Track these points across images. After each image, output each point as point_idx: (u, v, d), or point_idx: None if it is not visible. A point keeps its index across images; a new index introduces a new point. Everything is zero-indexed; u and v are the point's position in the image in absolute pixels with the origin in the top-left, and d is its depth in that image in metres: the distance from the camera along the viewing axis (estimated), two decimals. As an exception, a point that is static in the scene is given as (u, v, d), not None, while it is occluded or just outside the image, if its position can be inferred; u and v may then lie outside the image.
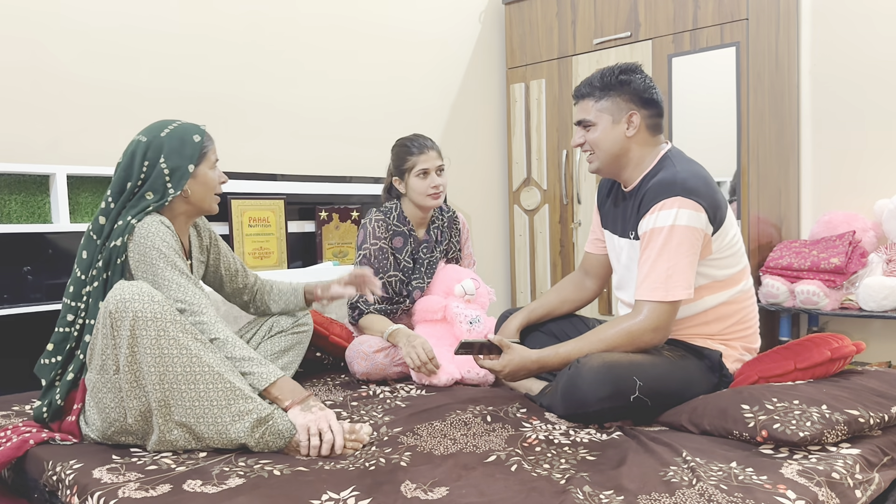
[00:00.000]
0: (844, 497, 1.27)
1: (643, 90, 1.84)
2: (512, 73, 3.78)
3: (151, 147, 1.68)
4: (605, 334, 1.76)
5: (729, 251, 1.81)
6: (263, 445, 1.50)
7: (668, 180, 1.75)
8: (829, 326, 3.24)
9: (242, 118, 2.85)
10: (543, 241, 3.71)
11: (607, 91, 1.84)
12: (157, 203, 1.66)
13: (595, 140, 1.86)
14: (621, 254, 1.93)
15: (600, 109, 1.85)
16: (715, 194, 1.77)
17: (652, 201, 1.75)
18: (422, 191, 2.29)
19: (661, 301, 1.71)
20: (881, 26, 3.07)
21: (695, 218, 1.71)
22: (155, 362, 1.48)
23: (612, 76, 1.84)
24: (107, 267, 1.61)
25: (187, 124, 1.73)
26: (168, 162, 1.67)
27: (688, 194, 1.72)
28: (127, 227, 1.61)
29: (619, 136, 1.84)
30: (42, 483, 1.50)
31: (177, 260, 1.61)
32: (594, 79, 1.87)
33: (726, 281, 1.82)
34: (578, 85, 1.91)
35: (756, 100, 3.00)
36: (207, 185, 1.73)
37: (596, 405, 1.63)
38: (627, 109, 1.84)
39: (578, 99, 1.90)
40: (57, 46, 2.40)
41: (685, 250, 1.71)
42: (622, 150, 1.85)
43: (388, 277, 2.29)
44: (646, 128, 1.85)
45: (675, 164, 1.80)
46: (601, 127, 1.85)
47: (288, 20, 3.00)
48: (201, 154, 1.71)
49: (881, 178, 3.11)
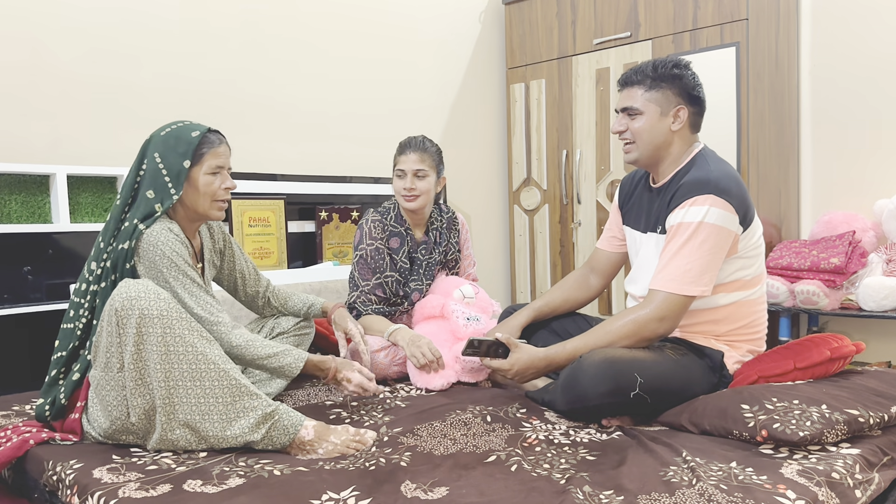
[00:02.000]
0: (844, 497, 1.27)
1: (692, 87, 1.84)
2: (512, 73, 3.77)
3: (150, 143, 1.69)
4: (612, 326, 1.76)
5: (753, 251, 1.82)
6: (268, 442, 1.51)
7: (702, 178, 1.75)
8: (828, 326, 3.24)
9: (242, 118, 2.85)
10: (543, 241, 3.71)
11: (659, 82, 1.83)
12: (162, 204, 1.65)
13: (639, 129, 1.84)
14: (640, 249, 1.93)
15: (649, 99, 1.83)
16: (745, 195, 1.78)
17: (684, 197, 1.75)
18: (397, 190, 2.34)
19: (674, 293, 1.71)
20: (881, 26, 3.07)
21: (724, 218, 1.72)
22: (160, 359, 1.48)
23: (665, 68, 1.83)
24: (114, 269, 1.62)
25: (192, 124, 1.71)
26: (163, 159, 1.66)
27: (720, 193, 1.72)
28: (134, 232, 1.61)
29: (664, 128, 1.83)
30: (42, 483, 1.50)
31: (186, 269, 1.62)
32: (647, 68, 1.85)
33: (743, 282, 1.82)
34: (627, 72, 1.88)
35: (756, 100, 3.00)
36: (198, 188, 1.69)
37: (596, 400, 1.63)
38: (676, 103, 1.83)
39: (626, 86, 1.88)
40: (57, 46, 2.40)
41: (709, 248, 1.71)
42: (664, 143, 1.85)
43: (384, 278, 2.29)
44: (689, 124, 1.85)
45: (708, 163, 1.81)
46: (648, 117, 1.83)
47: (288, 19, 3.00)
48: (196, 153, 1.67)
49: (881, 177, 3.11)
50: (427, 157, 2.32)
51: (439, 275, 2.41)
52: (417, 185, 2.30)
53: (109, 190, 2.48)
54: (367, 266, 2.29)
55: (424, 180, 2.31)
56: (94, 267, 1.65)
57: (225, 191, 1.73)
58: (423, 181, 2.31)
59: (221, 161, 1.72)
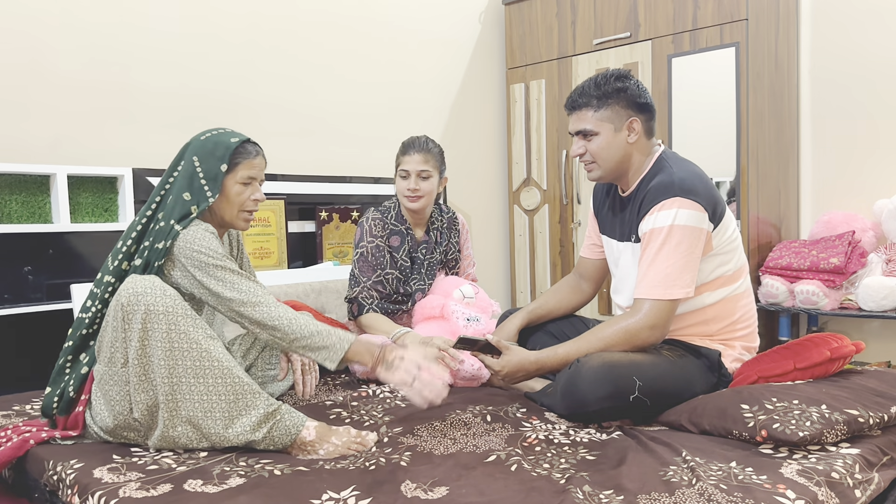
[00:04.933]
0: (844, 497, 1.27)
1: (638, 95, 1.83)
2: (512, 73, 3.78)
3: (189, 147, 1.70)
4: (603, 333, 1.76)
5: (729, 246, 1.82)
6: (270, 442, 1.51)
7: (666, 182, 1.76)
8: (828, 326, 3.24)
9: (242, 118, 2.85)
10: (543, 241, 3.71)
11: (605, 99, 1.82)
12: (198, 206, 1.65)
13: (597, 150, 1.84)
14: (620, 258, 1.93)
15: (600, 118, 1.83)
16: (712, 191, 1.79)
17: (651, 203, 1.76)
18: (400, 190, 2.34)
19: (660, 299, 1.72)
20: (881, 27, 3.07)
21: (694, 217, 1.72)
22: (164, 356, 1.48)
23: (608, 84, 1.82)
24: (146, 268, 1.61)
25: (232, 132, 1.73)
26: (202, 162, 1.67)
27: (686, 194, 1.73)
28: (171, 232, 1.61)
29: (621, 143, 1.84)
30: (43, 483, 1.50)
31: (226, 261, 1.61)
32: (588, 88, 1.84)
33: (725, 278, 1.83)
34: (571, 96, 1.88)
35: (756, 100, 3.00)
36: (228, 197, 1.70)
37: (595, 405, 1.63)
38: (627, 116, 1.83)
39: (574, 110, 1.87)
40: (57, 46, 2.40)
41: (684, 249, 1.72)
42: (624, 157, 1.85)
43: (385, 275, 2.30)
44: (644, 132, 1.85)
45: (671, 165, 1.82)
46: (603, 136, 1.83)
47: (288, 20, 3.00)
48: (232, 161, 1.68)
49: (881, 177, 3.11)
50: (431, 158, 2.32)
51: (439, 275, 2.42)
52: (421, 186, 2.30)
53: (109, 190, 2.48)
54: (368, 263, 2.30)
55: (428, 181, 2.32)
56: (119, 263, 1.64)
57: (254, 202, 1.74)
58: (426, 182, 2.31)
59: (255, 172, 1.72)
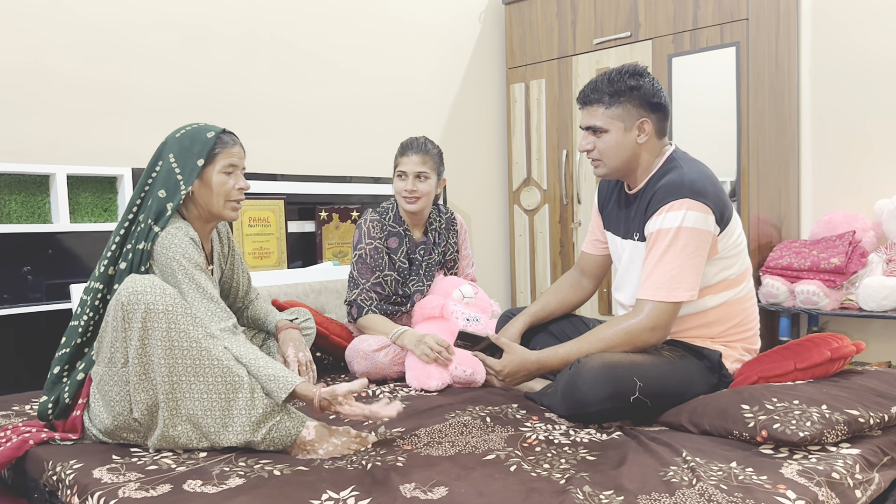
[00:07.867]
0: (844, 497, 1.27)
1: (652, 94, 1.80)
2: (512, 73, 3.77)
3: (166, 145, 1.71)
4: (604, 334, 1.76)
5: (734, 250, 1.81)
6: (269, 443, 1.50)
7: (676, 182, 1.74)
8: (829, 326, 3.24)
9: (242, 118, 2.85)
10: (543, 241, 3.71)
11: (617, 97, 1.79)
12: (173, 202, 1.65)
13: (605, 147, 1.82)
14: (623, 255, 1.92)
15: (611, 116, 1.80)
16: (721, 194, 1.77)
17: (660, 203, 1.74)
18: (398, 191, 2.34)
19: (663, 301, 1.71)
20: (881, 27, 3.07)
21: (702, 220, 1.71)
22: (164, 354, 1.49)
23: (621, 81, 1.79)
24: (130, 270, 1.61)
25: (207, 125, 1.72)
26: (178, 159, 1.67)
27: (696, 196, 1.71)
28: (150, 233, 1.61)
29: (630, 142, 1.81)
30: (42, 483, 1.50)
31: (196, 274, 1.61)
32: (602, 84, 1.81)
33: (729, 281, 1.81)
34: (584, 90, 1.85)
35: (756, 100, 3.00)
36: (212, 188, 1.70)
37: (596, 405, 1.63)
38: (638, 116, 1.80)
39: (586, 105, 1.84)
40: (57, 46, 2.40)
41: (690, 252, 1.70)
42: (633, 156, 1.82)
43: (383, 277, 2.30)
44: (655, 132, 1.82)
45: (681, 165, 1.79)
46: (613, 134, 1.81)
47: (287, 21, 3.00)
48: (211, 153, 1.69)
49: (881, 177, 3.11)
50: (429, 159, 2.32)
51: (438, 275, 2.41)
52: (419, 188, 2.30)
53: (109, 190, 2.48)
54: (366, 265, 2.29)
55: (426, 182, 2.31)
56: (105, 268, 1.65)
57: (239, 191, 1.74)
58: (424, 183, 2.31)
59: (235, 160, 1.72)
